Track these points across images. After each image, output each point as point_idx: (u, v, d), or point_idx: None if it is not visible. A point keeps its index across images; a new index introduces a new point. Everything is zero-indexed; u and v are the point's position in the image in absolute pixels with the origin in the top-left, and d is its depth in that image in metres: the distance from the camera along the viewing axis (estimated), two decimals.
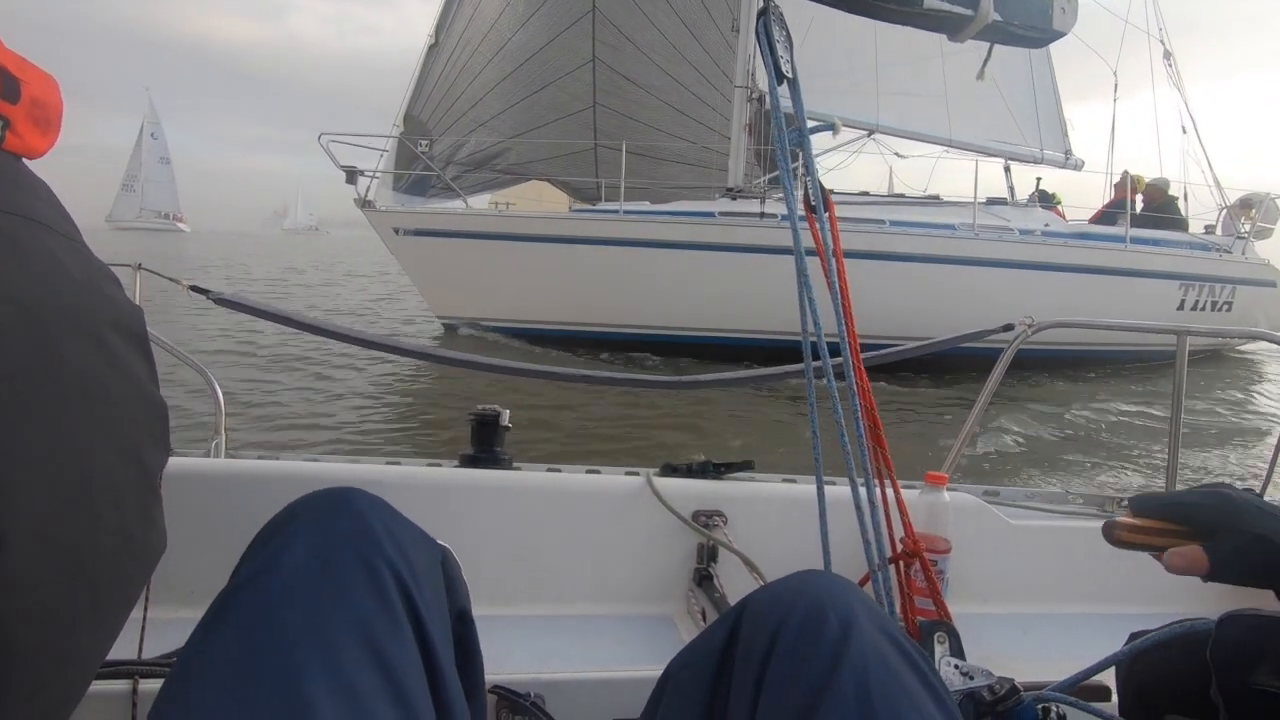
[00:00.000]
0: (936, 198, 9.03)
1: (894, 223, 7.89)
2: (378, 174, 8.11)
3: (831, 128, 8.85)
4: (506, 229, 7.91)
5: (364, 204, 7.95)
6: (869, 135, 9.51)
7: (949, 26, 1.01)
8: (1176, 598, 1.13)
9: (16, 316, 0.43)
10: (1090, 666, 0.67)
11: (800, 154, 0.94)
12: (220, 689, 0.44)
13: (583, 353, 7.65)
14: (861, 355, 0.89)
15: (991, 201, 8.77)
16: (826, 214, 0.89)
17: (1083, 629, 1.27)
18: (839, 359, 0.88)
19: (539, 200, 10.14)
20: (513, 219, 8.23)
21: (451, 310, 8.22)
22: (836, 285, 0.87)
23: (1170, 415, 1.64)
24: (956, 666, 0.68)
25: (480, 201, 8.93)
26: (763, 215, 7.46)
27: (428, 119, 8.92)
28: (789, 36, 0.87)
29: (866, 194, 9.01)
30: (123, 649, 0.66)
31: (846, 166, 9.48)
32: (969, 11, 0.99)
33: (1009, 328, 1.70)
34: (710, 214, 7.85)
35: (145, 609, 0.81)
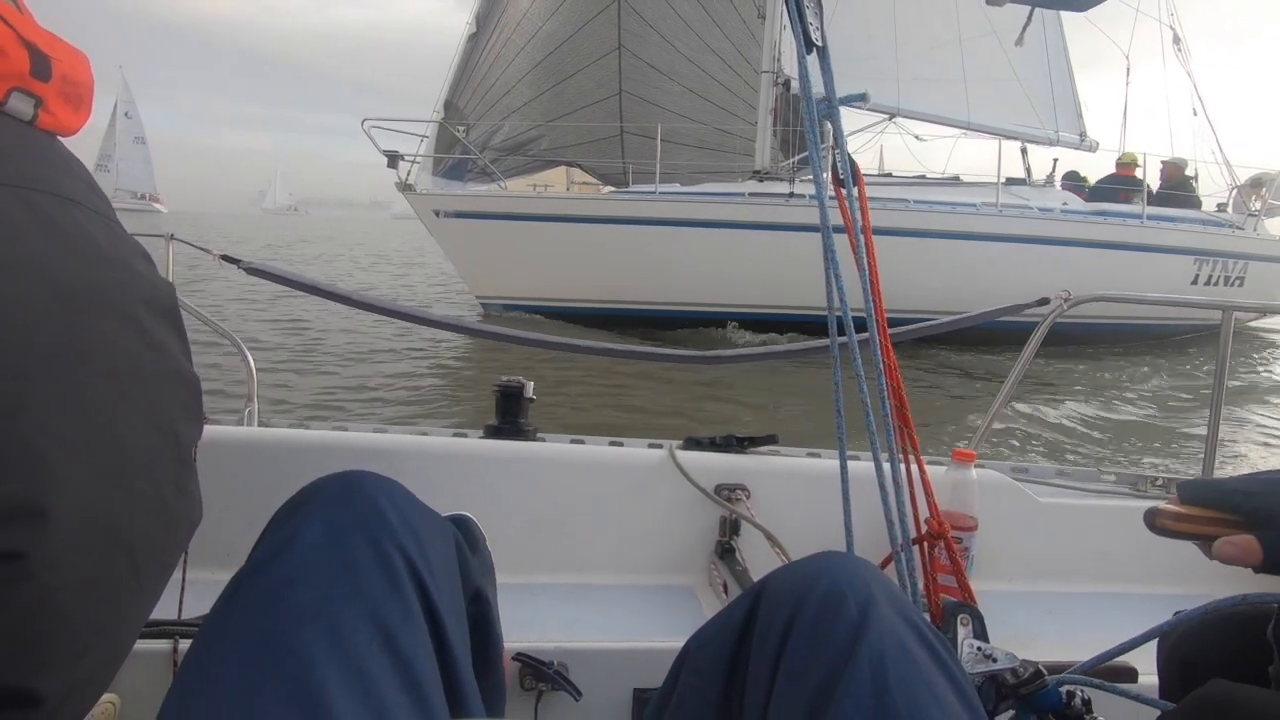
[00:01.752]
0: (957, 178, 9.30)
1: (918, 201, 8.18)
2: (418, 159, 8.39)
3: (863, 97, 9.06)
4: (545, 210, 8.20)
5: (405, 188, 8.24)
6: (890, 118, 9.76)
7: None
8: (1209, 579, 1.06)
9: (54, 296, 0.44)
10: (1125, 642, 0.65)
11: (830, 127, 0.91)
12: (233, 671, 0.44)
13: (617, 329, 7.95)
14: (890, 331, 0.86)
15: (1010, 182, 9.05)
16: (855, 188, 0.86)
17: (1112, 610, 1.23)
18: (865, 334, 0.85)
19: (572, 184, 10.42)
20: (551, 200, 8.52)
21: (490, 290, 8.51)
22: (865, 261, 0.84)
23: (1212, 393, 1.58)
24: (979, 649, 0.66)
25: (516, 185, 9.21)
26: (791, 195, 7.75)
27: (464, 105, 9.19)
28: (819, 3, 0.83)
29: (890, 175, 9.28)
30: (164, 609, 0.69)
31: (869, 149, 9.72)
32: None
33: (1044, 301, 1.65)
34: (740, 194, 8.14)
35: (184, 572, 0.83)
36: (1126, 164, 9.20)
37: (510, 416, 1.29)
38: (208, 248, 1.66)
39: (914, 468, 0.87)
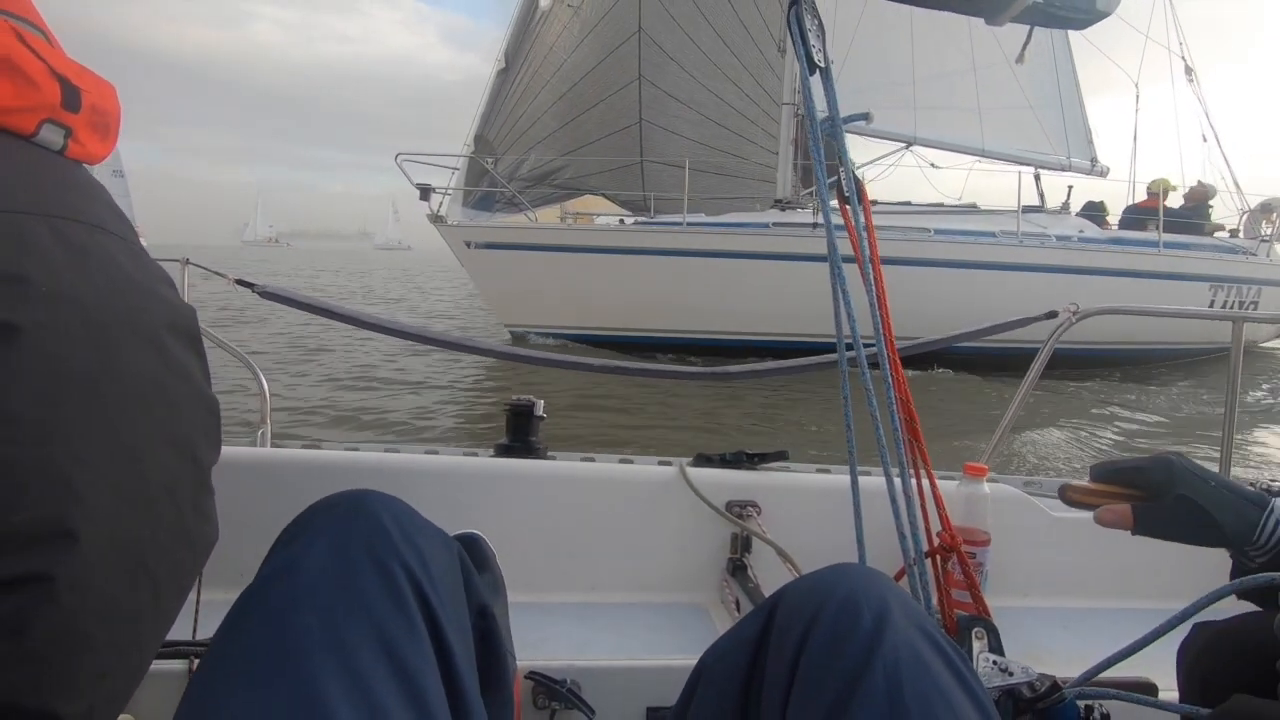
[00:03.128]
0: (974, 206, 9.49)
1: (939, 231, 8.35)
2: (449, 191, 8.59)
3: (866, 117, 9.25)
4: (574, 241, 8.40)
5: (436, 219, 8.44)
6: (907, 147, 9.96)
7: (988, 9, 0.93)
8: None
9: (85, 323, 0.45)
10: (1132, 644, 0.65)
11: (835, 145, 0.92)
12: (238, 691, 0.44)
13: (642, 356, 8.11)
14: (897, 344, 0.87)
15: (1027, 209, 9.23)
16: (861, 205, 0.87)
17: (1129, 624, 1.28)
18: (874, 349, 0.86)
19: (566, 214, 10.60)
20: (580, 232, 8.73)
21: (518, 319, 8.69)
22: (871, 277, 0.85)
23: (1225, 403, 1.57)
24: (995, 662, 0.66)
25: (543, 215, 9.41)
26: (815, 226, 7.93)
27: (493, 138, 9.41)
28: (821, 25, 0.85)
29: (908, 203, 9.47)
30: (179, 630, 0.69)
31: (886, 177, 9.91)
32: None
33: (1052, 315, 1.68)
34: (764, 225, 8.33)
35: (199, 592, 0.83)
36: (1157, 192, 9.35)
37: (521, 435, 1.29)
38: (224, 272, 1.69)
39: (925, 481, 0.88)
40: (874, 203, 9.08)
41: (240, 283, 1.66)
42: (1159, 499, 0.64)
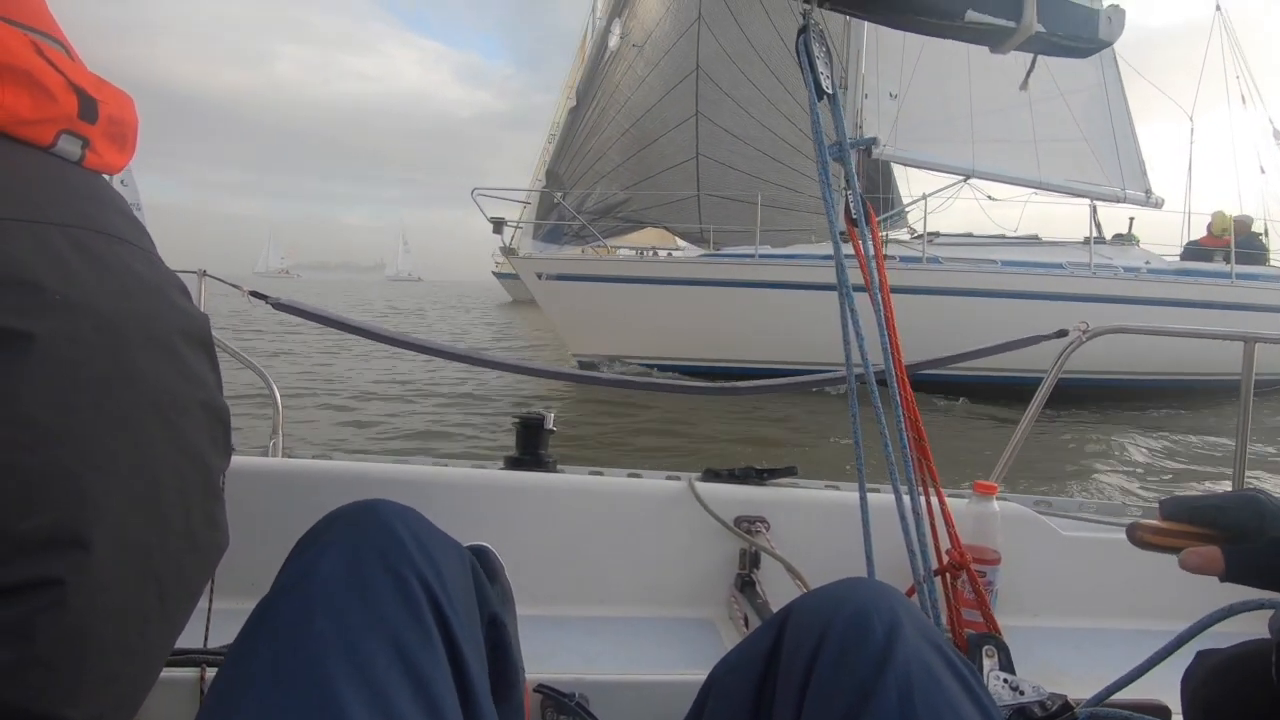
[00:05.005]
0: (1036, 237, 9.54)
1: (1005, 263, 8.41)
2: (521, 224, 8.80)
3: (874, 141, 9.41)
4: (647, 273, 8.54)
5: (508, 252, 8.62)
6: (965, 180, 10.06)
7: (991, 39, 0.94)
8: (1241, 616, 1.10)
9: (100, 330, 0.46)
10: (1143, 663, 0.64)
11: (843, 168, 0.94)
12: (256, 700, 0.44)
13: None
14: (905, 363, 0.87)
15: (1088, 241, 9.27)
16: (869, 227, 0.88)
17: (1141, 645, 1.25)
18: (881, 367, 0.85)
19: (653, 247, 10.80)
20: (654, 264, 8.89)
21: (589, 349, 8.81)
22: (879, 296, 0.86)
23: (1237, 428, 1.53)
24: (1005, 680, 0.65)
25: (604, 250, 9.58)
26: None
27: (563, 173, 9.65)
28: (829, 53, 0.87)
29: (970, 235, 9.55)
30: (191, 639, 0.68)
31: (946, 209, 10.01)
32: (1011, 23, 0.93)
33: (1063, 333, 1.65)
34: (829, 256, 8.42)
35: (211, 601, 0.82)
36: (1227, 227, 9.31)
37: (530, 448, 1.30)
38: (239, 285, 1.70)
39: (934, 499, 0.87)
40: (935, 234, 9.26)
41: (254, 295, 1.69)
42: (1245, 541, 0.59)
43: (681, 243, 11.37)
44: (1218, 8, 11.59)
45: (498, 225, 8.61)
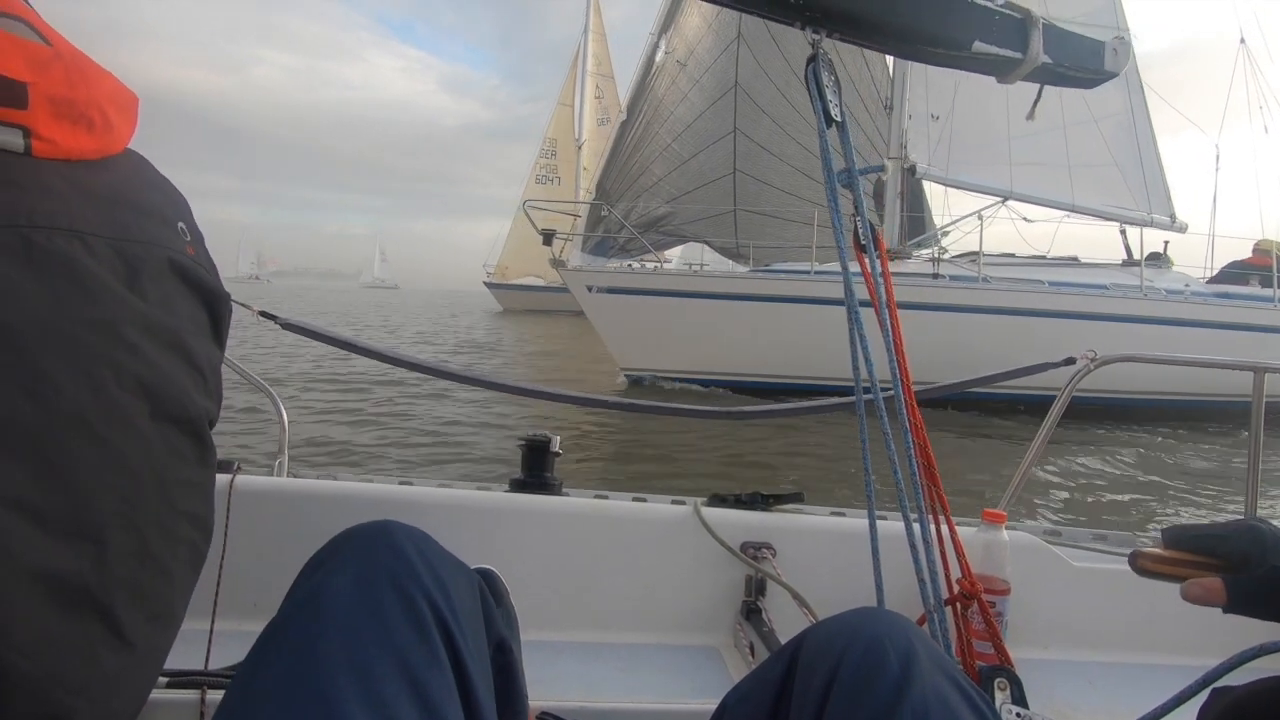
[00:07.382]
0: (1075, 259, 9.67)
1: (1052, 283, 8.52)
2: (571, 236, 8.80)
3: (881, 169, 9.55)
4: (697, 287, 8.55)
5: (557, 264, 8.61)
6: (1003, 202, 10.20)
7: (998, 69, 0.96)
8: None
9: (16, 350, 0.43)
10: (1160, 706, 0.62)
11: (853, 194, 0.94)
12: (266, 717, 0.45)
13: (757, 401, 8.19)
14: (914, 387, 0.86)
15: (1126, 264, 9.42)
16: (877, 252, 0.88)
17: (1155, 681, 1.16)
18: (890, 393, 0.85)
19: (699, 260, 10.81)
20: (707, 279, 8.89)
21: (637, 363, 8.80)
22: (888, 321, 0.86)
23: (1248, 459, 1.51)
24: (1019, 715, 0.64)
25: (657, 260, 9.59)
26: (935, 276, 8.10)
27: (610, 187, 9.67)
28: (838, 81, 0.87)
29: (1012, 255, 9.67)
30: (192, 660, 0.68)
31: (987, 227, 10.13)
32: (1018, 54, 0.94)
33: (1070, 361, 1.64)
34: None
35: (212, 622, 0.82)
36: (1265, 251, 9.49)
37: (536, 470, 1.29)
38: (248, 304, 1.67)
39: (944, 527, 0.85)
40: (973, 254, 9.37)
41: (263, 314, 1.68)
42: (1247, 569, 0.58)
43: (709, 257, 11.42)
44: (1241, 40, 11.87)
45: (548, 238, 8.60)
